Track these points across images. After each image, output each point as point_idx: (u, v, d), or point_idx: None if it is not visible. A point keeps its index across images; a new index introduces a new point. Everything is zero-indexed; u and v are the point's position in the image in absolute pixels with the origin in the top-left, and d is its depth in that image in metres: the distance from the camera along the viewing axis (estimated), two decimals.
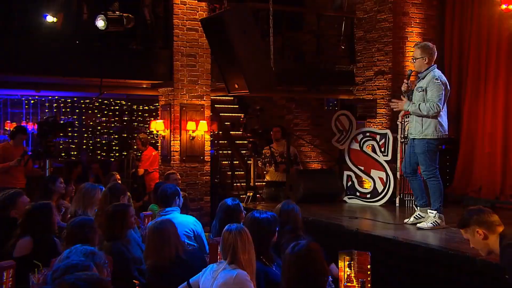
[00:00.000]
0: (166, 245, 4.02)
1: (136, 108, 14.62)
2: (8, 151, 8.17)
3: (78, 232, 3.94)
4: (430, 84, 5.93)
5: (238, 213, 5.00)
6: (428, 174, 6.07)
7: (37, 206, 4.65)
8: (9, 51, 7.81)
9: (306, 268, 2.78)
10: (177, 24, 8.70)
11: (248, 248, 3.48)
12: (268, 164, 9.18)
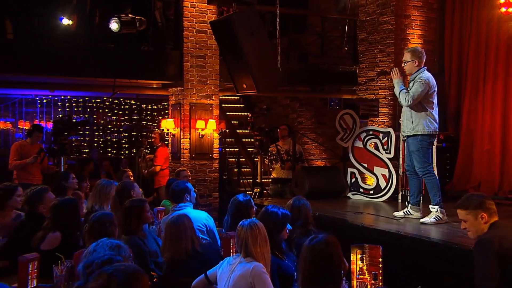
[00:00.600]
0: (183, 238, 4.06)
1: (145, 107, 14.64)
2: (25, 149, 8.20)
3: (99, 227, 3.98)
4: (416, 82, 6.07)
5: (249, 209, 5.04)
6: (423, 171, 6.14)
7: (64, 202, 4.70)
8: (26, 53, 7.81)
9: (323, 261, 2.78)
10: (187, 26, 8.71)
11: (260, 242, 3.50)
12: (274, 162, 9.22)
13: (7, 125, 13.16)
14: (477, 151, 8.79)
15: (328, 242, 2.85)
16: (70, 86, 10.03)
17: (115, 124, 14.44)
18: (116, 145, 14.44)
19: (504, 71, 8.53)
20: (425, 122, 6.04)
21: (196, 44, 8.77)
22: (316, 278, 2.76)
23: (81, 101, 13.72)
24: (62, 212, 4.54)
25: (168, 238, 4.09)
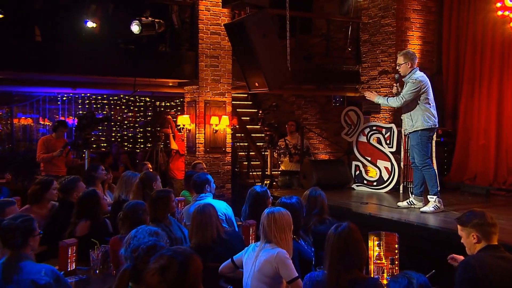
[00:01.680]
0: (209, 226, 4.07)
1: (158, 104, 14.67)
2: (51, 143, 8.26)
3: (133, 214, 4.03)
4: (408, 83, 6.15)
5: (266, 199, 5.08)
6: (422, 163, 6.22)
7: (86, 194, 4.75)
8: (53, 54, 7.85)
9: (349, 247, 2.82)
10: (202, 28, 8.72)
11: (282, 230, 3.52)
12: (283, 155, 9.26)
13: (28, 120, 13.21)
14: (473, 145, 8.85)
15: (352, 229, 2.89)
16: (91, 84, 10.07)
17: (131, 120, 14.48)
18: (132, 140, 14.50)
19: (499, 71, 8.58)
20: (423, 118, 6.14)
21: (210, 45, 8.79)
22: (343, 263, 2.80)
23: (99, 98, 13.77)
24: (86, 203, 4.60)
25: (195, 225, 4.10)
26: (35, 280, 3.18)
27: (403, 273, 2.16)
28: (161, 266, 1.78)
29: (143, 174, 5.70)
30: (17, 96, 12.63)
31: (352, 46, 10.42)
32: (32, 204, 5.07)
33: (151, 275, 1.77)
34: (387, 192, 8.20)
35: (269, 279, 3.42)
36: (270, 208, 3.62)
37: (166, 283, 1.75)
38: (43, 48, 7.85)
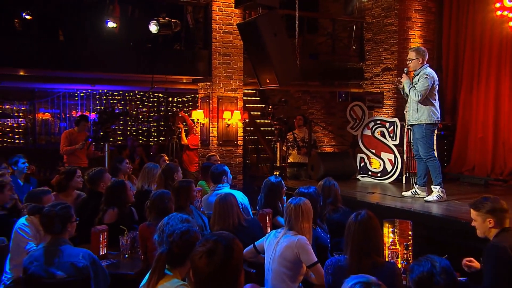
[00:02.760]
0: (230, 214, 4.12)
1: (171, 100, 14.68)
2: (73, 136, 8.31)
3: (159, 203, 4.07)
4: (421, 78, 6.12)
5: (280, 189, 5.09)
6: (426, 155, 6.24)
7: (115, 183, 4.79)
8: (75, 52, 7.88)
9: (369, 233, 2.87)
10: (215, 28, 8.73)
11: (303, 218, 3.57)
12: (291, 148, 9.28)
13: (47, 115, 13.24)
14: (472, 138, 8.87)
15: (371, 217, 2.93)
16: (110, 81, 10.08)
17: (145, 115, 14.50)
18: (146, 133, 14.52)
19: (496, 68, 8.58)
20: (428, 113, 6.14)
21: (223, 44, 8.80)
22: (363, 249, 2.84)
23: (115, 94, 13.78)
24: (114, 192, 4.64)
25: (217, 213, 4.15)
26: (74, 263, 3.25)
27: (426, 257, 2.20)
28: (208, 249, 1.82)
29: (165, 165, 5.75)
30: (39, 92, 12.67)
31: (356, 44, 10.43)
32: (59, 192, 5.13)
33: (199, 257, 1.81)
34: (391, 183, 8.24)
35: (290, 263, 3.47)
36: (295, 199, 3.64)
37: (213, 265, 1.79)
38: (66, 47, 7.89)
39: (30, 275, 3.21)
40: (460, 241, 5.04)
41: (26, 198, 4.13)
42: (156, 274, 2.63)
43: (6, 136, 12.47)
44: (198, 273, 1.81)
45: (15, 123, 12.59)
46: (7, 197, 4.61)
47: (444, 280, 2.09)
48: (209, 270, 1.79)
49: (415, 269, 2.17)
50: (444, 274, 2.10)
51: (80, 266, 3.25)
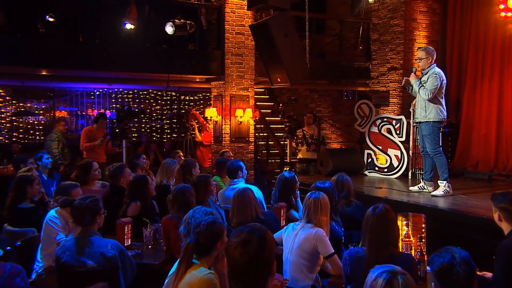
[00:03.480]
0: (248, 207, 4.11)
1: (183, 99, 14.75)
2: (92, 133, 8.36)
3: (181, 197, 4.09)
4: (430, 77, 6.10)
5: (294, 184, 5.09)
6: (433, 152, 6.23)
7: (138, 178, 4.82)
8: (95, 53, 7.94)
9: (386, 225, 2.88)
10: (228, 29, 8.76)
11: (321, 212, 3.59)
12: (301, 144, 9.29)
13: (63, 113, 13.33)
14: (475, 135, 8.86)
15: (388, 210, 2.95)
16: (126, 80, 10.13)
17: (159, 113, 14.57)
18: (159, 130, 14.60)
19: (499, 68, 8.56)
20: (436, 111, 6.13)
21: (235, 44, 8.83)
22: (381, 240, 2.85)
23: (130, 93, 13.86)
24: (137, 186, 4.66)
25: (236, 207, 4.16)
26: (104, 252, 3.29)
27: (446, 249, 2.21)
28: (242, 240, 1.84)
29: (183, 161, 5.78)
30: (58, 91, 12.75)
31: (363, 44, 10.42)
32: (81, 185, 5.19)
33: (234, 248, 1.84)
34: (397, 178, 8.24)
35: (308, 254, 3.50)
36: (314, 193, 3.66)
37: (247, 255, 1.82)
38: (86, 48, 7.94)
39: (62, 264, 3.25)
40: (467, 234, 5.05)
41: (56, 191, 4.18)
42: (185, 263, 2.67)
43: (28, 133, 12.58)
44: (233, 263, 1.84)
45: (36, 120, 12.69)
46: (36, 191, 4.68)
47: (464, 270, 2.10)
48: (244, 259, 1.81)
49: (436, 260, 2.17)
50: (464, 264, 2.11)
51: (109, 256, 3.29)
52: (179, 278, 2.63)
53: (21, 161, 5.97)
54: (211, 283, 2.57)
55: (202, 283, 2.55)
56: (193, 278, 2.58)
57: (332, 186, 4.26)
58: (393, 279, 1.83)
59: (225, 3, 8.71)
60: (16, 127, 12.43)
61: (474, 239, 4.92)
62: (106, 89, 12.98)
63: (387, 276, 1.84)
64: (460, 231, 5.18)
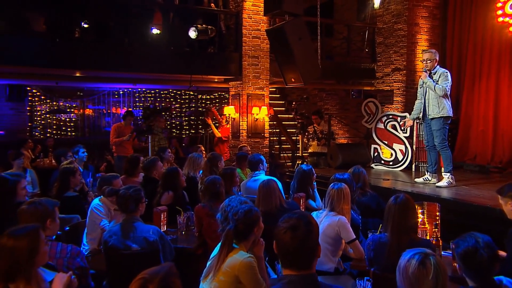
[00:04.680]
0: (273, 196, 4.13)
1: (200, 97, 14.79)
2: (121, 129, 8.44)
3: (212, 187, 4.14)
4: (442, 76, 6.13)
5: (311, 175, 5.12)
6: (441, 145, 6.23)
7: (171, 170, 4.86)
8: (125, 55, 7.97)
9: (407, 213, 2.90)
10: (245, 33, 8.74)
11: (344, 201, 3.62)
12: (311, 139, 9.32)
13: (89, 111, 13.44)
14: (473, 131, 8.82)
15: (409, 199, 2.97)
16: (150, 81, 10.16)
17: (178, 110, 14.62)
18: (178, 127, 14.66)
19: (496, 69, 8.51)
20: (447, 108, 6.15)
21: (251, 47, 8.82)
22: (403, 227, 2.87)
23: (152, 92, 13.92)
24: (170, 177, 4.71)
25: (261, 196, 4.15)
26: (146, 237, 3.34)
27: (470, 234, 2.23)
28: (291, 226, 1.87)
29: (210, 155, 5.82)
30: (88, 91, 12.85)
31: (369, 47, 10.39)
32: (129, 177, 5.27)
33: (283, 233, 1.87)
34: (402, 170, 8.24)
35: (331, 240, 3.53)
36: (336, 184, 3.68)
37: (296, 239, 1.85)
38: (116, 51, 7.96)
39: (110, 247, 3.30)
40: (470, 222, 5.06)
41: (100, 182, 4.24)
42: (226, 247, 2.71)
43: (60, 129, 12.70)
44: (282, 246, 1.87)
45: (67, 117, 12.80)
46: (78, 181, 4.75)
47: (487, 253, 2.12)
48: (293, 243, 1.84)
49: (461, 244, 2.20)
50: (487, 248, 2.14)
51: (151, 240, 3.34)
52: (221, 261, 2.68)
53: (62, 155, 6.03)
54: (250, 265, 2.62)
55: (242, 265, 2.60)
56: (234, 261, 2.63)
57: (350, 177, 4.29)
58: (425, 260, 1.86)
59: (243, 9, 8.70)
60: (50, 124, 12.57)
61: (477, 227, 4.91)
62: (131, 89, 13.04)
63: (420, 257, 1.87)
64: (463, 220, 5.18)
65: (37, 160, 9.43)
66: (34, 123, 12.46)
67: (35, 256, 2.19)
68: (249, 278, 2.60)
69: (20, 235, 2.18)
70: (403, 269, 1.89)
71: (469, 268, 2.15)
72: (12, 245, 2.15)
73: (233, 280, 2.61)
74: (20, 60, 7.07)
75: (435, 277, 1.82)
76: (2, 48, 6.86)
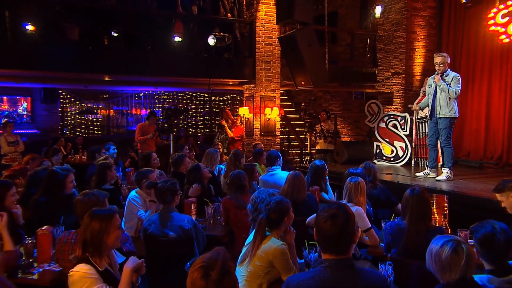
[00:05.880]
0: (302, 188, 4.11)
1: (213, 99, 14.81)
2: (145, 128, 8.46)
3: (237, 181, 4.16)
4: (454, 79, 6.04)
5: (324, 170, 5.08)
6: (445, 143, 6.18)
7: (194, 166, 4.89)
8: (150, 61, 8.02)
9: (423, 203, 2.92)
10: (258, 40, 8.77)
11: (360, 193, 3.62)
12: (319, 137, 9.31)
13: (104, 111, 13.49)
14: (467, 129, 8.80)
15: (424, 192, 2.99)
16: (171, 84, 10.21)
17: (194, 111, 14.65)
18: (194, 126, 14.70)
19: (488, 73, 8.49)
20: (455, 109, 6.07)
21: (264, 53, 8.84)
22: (420, 216, 2.89)
23: (170, 95, 13.95)
24: (195, 172, 4.74)
25: (291, 187, 4.07)
26: (182, 225, 3.37)
27: (487, 221, 2.24)
28: (331, 215, 1.89)
29: (234, 151, 5.84)
30: (112, 93, 12.91)
31: (370, 53, 10.36)
32: None
33: (324, 221, 1.89)
34: (402, 166, 8.23)
35: None
36: (353, 178, 3.68)
37: (336, 226, 1.86)
38: (142, 57, 8.01)
39: (149, 234, 3.34)
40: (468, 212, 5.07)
41: (137, 176, 4.27)
42: (260, 235, 2.74)
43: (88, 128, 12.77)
44: (323, 234, 1.89)
45: (94, 118, 12.87)
46: (113, 175, 4.79)
47: (504, 238, 2.13)
48: (333, 230, 1.86)
49: (479, 230, 2.21)
50: (503, 233, 2.15)
51: (186, 228, 3.37)
52: (256, 247, 2.71)
53: (96, 151, 6.08)
54: (283, 252, 2.65)
55: (277, 251, 2.64)
56: (268, 248, 2.67)
57: (364, 172, 4.30)
58: (458, 247, 1.87)
59: (256, 18, 8.72)
60: (79, 123, 12.64)
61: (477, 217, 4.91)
62: (151, 91, 13.09)
63: (453, 244, 1.88)
64: (462, 210, 5.18)
65: (69, 156, 9.50)
66: (64, 123, 12.54)
67: (104, 236, 2.26)
68: (282, 263, 2.63)
69: (95, 216, 2.31)
70: (436, 254, 1.90)
71: (487, 252, 2.17)
72: (87, 223, 2.28)
73: (267, 264, 2.64)
74: (57, 66, 7.13)
75: (466, 263, 1.83)
76: (41, 55, 6.92)
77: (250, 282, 2.66)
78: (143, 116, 13.23)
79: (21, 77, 8.15)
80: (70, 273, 2.22)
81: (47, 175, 3.65)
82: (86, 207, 2.62)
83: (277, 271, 2.66)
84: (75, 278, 2.19)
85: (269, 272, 2.65)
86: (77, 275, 2.19)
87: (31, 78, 8.39)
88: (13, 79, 8.19)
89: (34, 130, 11.73)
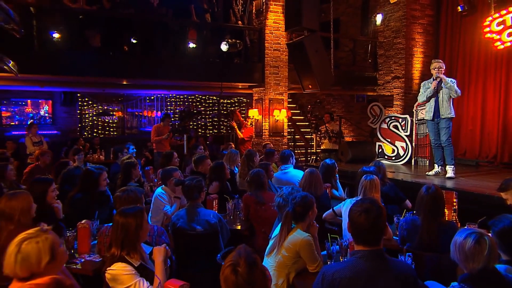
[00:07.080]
0: (319, 184, 4.15)
1: (222, 102, 14.82)
2: (160, 129, 8.49)
3: (257, 179, 4.15)
4: (453, 81, 6.09)
5: (334, 168, 5.09)
6: (447, 142, 6.18)
7: (216, 164, 4.88)
8: (165, 66, 8.03)
9: (439, 202, 2.93)
10: (267, 46, 8.81)
11: (375, 190, 3.61)
12: (323, 138, 9.33)
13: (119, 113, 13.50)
14: (463, 130, 8.81)
15: (438, 189, 2.99)
16: (183, 87, 10.22)
17: (203, 112, 14.66)
18: (204, 127, 14.72)
19: (483, 77, 8.51)
20: (453, 110, 6.10)
21: (273, 58, 8.88)
22: (434, 213, 2.90)
23: (181, 97, 13.97)
24: (216, 170, 4.73)
25: (308, 183, 4.12)
26: (208, 220, 3.40)
27: (504, 215, 2.27)
28: (364, 209, 1.92)
29: (247, 151, 5.85)
30: (127, 96, 12.93)
31: (371, 58, 10.38)
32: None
33: (358, 215, 1.92)
34: (403, 164, 8.25)
35: None
36: (368, 175, 3.68)
37: (369, 220, 1.89)
38: (157, 62, 8.04)
39: (178, 228, 3.37)
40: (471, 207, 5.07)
41: (162, 173, 4.29)
42: (286, 227, 2.77)
43: (104, 129, 12.80)
44: (357, 227, 1.92)
45: (110, 119, 12.89)
46: (138, 173, 4.81)
47: None
48: (366, 223, 1.89)
49: (497, 224, 2.24)
50: None
51: (212, 223, 3.39)
52: (283, 238, 2.74)
53: (119, 151, 6.12)
54: (309, 243, 2.68)
55: (303, 242, 2.66)
56: (295, 239, 2.69)
57: (376, 170, 4.31)
58: (481, 239, 1.89)
59: (265, 26, 8.76)
60: (96, 124, 12.67)
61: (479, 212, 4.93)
62: (163, 94, 13.11)
63: (476, 236, 1.90)
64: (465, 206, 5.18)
65: (87, 156, 9.53)
66: (83, 124, 12.58)
67: (139, 231, 2.28)
68: (308, 253, 2.66)
69: (129, 214, 2.30)
70: (460, 245, 1.92)
71: (505, 243, 2.19)
72: (123, 222, 2.27)
73: (294, 255, 2.67)
74: (80, 71, 7.17)
75: (488, 254, 1.86)
76: (65, 61, 6.96)
77: (278, 272, 2.68)
78: (156, 118, 13.26)
79: (45, 82, 8.19)
80: (108, 271, 2.27)
81: (83, 173, 3.68)
82: (125, 203, 2.65)
83: (303, 261, 2.69)
84: (114, 276, 2.24)
85: (296, 262, 2.68)
86: (115, 273, 2.25)
87: (54, 82, 8.42)
88: (38, 84, 8.23)
89: (55, 131, 11.78)
